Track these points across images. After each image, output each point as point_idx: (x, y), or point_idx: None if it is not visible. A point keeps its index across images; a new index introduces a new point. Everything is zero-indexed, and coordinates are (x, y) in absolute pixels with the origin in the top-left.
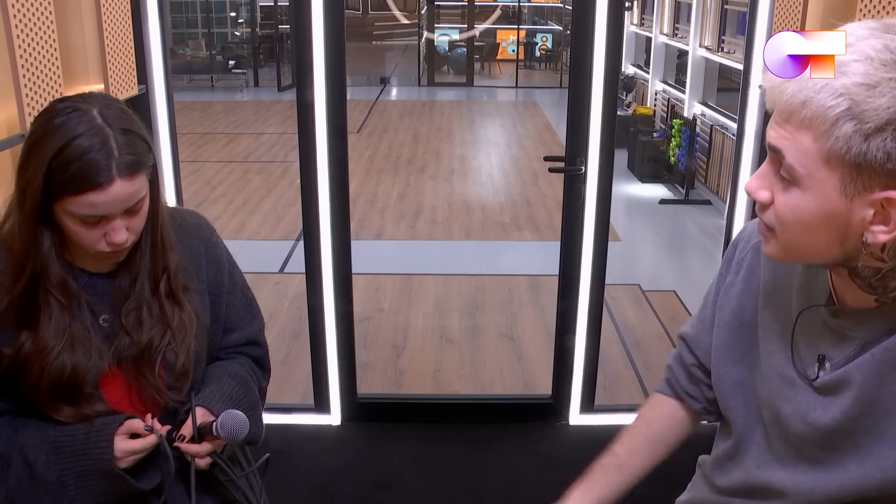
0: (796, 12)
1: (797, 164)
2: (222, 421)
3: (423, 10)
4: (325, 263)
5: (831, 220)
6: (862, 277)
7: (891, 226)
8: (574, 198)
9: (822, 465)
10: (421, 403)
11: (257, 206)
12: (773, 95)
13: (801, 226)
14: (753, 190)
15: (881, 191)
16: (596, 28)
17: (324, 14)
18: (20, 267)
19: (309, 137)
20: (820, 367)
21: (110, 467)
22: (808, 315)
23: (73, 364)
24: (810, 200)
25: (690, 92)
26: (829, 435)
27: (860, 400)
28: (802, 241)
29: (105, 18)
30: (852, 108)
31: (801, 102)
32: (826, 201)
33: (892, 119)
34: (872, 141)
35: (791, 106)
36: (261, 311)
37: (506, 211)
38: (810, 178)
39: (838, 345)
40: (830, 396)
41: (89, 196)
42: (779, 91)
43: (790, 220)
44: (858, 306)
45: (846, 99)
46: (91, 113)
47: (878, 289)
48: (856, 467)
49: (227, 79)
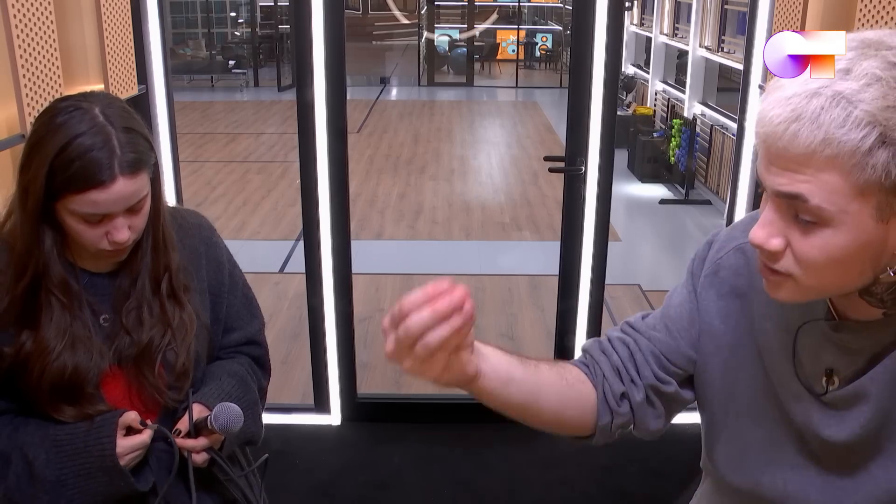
0: (796, 12)
1: (826, 203)
2: (216, 413)
3: (423, 10)
4: (325, 263)
5: (867, 249)
6: (874, 294)
7: None
8: (574, 198)
9: (846, 474)
10: (421, 403)
11: (257, 206)
12: (777, 142)
13: (833, 263)
14: (763, 241)
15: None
16: (596, 28)
17: (324, 14)
18: (22, 266)
19: (309, 137)
20: (829, 382)
21: (112, 463)
22: (807, 329)
23: (74, 364)
24: (844, 236)
25: (690, 92)
26: (850, 448)
27: (879, 411)
28: (832, 278)
29: (105, 18)
30: (885, 133)
31: (822, 142)
32: (862, 231)
33: None
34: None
35: (809, 149)
36: (261, 310)
37: (506, 211)
38: (843, 213)
39: (844, 358)
40: (844, 411)
41: (91, 194)
42: (787, 137)
43: (819, 261)
44: (862, 319)
45: (875, 127)
46: (93, 112)
47: (889, 302)
48: (883, 473)
49: (227, 79)
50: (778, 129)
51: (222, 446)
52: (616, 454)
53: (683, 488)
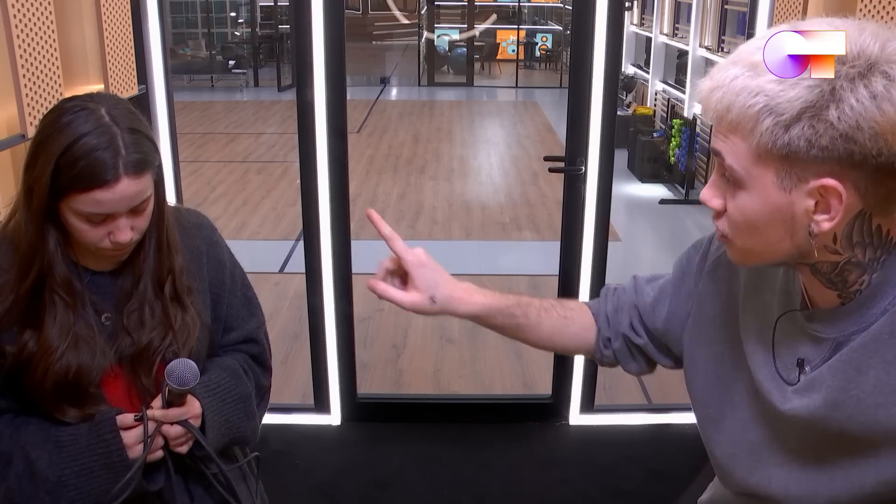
0: (796, 12)
1: (735, 164)
2: (170, 368)
3: (423, 10)
4: (325, 263)
5: (776, 216)
6: (822, 273)
7: (832, 213)
8: (574, 198)
9: (807, 465)
10: (421, 403)
11: (257, 206)
12: (704, 105)
13: (749, 226)
14: (707, 199)
15: (815, 179)
16: (596, 28)
17: (324, 14)
18: (27, 266)
19: (309, 137)
20: (801, 372)
21: (120, 458)
22: (786, 320)
23: (77, 364)
24: (754, 200)
25: (690, 92)
26: (798, 430)
27: (828, 401)
28: (754, 242)
29: (105, 18)
30: (768, 103)
31: (726, 107)
32: (767, 197)
33: (804, 108)
34: (792, 130)
35: (719, 112)
36: (261, 309)
37: (506, 211)
38: (749, 177)
39: (815, 348)
40: (805, 397)
41: (96, 194)
42: (707, 101)
43: (740, 223)
44: (827, 306)
45: (762, 96)
46: (99, 112)
47: (839, 284)
48: (854, 468)
49: (227, 79)
50: (705, 95)
51: (203, 429)
52: (616, 454)
53: (683, 488)
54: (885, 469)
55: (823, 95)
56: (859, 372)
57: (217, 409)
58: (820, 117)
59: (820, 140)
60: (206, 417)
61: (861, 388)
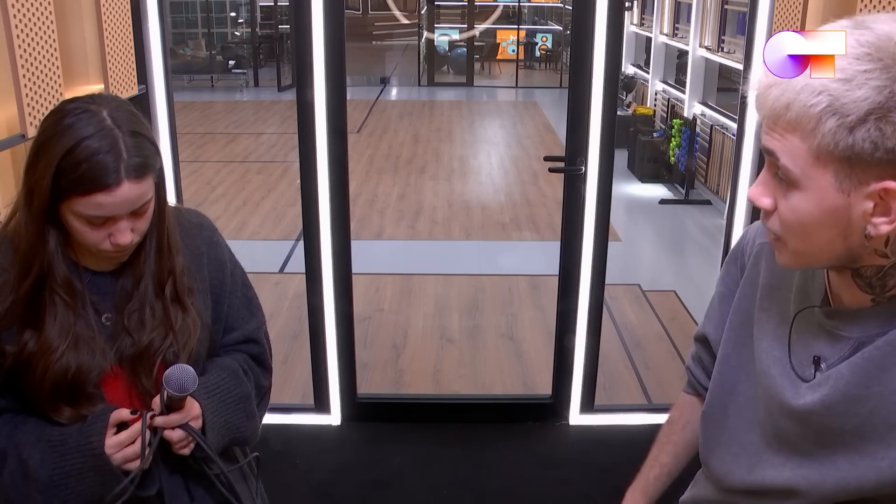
0: (796, 12)
1: (791, 164)
2: (168, 374)
3: (423, 10)
4: (325, 263)
5: (832, 218)
6: (863, 277)
7: (892, 216)
8: (574, 198)
9: (814, 460)
10: (421, 403)
11: (257, 206)
12: (759, 102)
13: (803, 228)
14: (756, 197)
15: (877, 182)
16: (596, 28)
17: (324, 14)
18: (27, 266)
19: (309, 137)
20: (816, 369)
21: (102, 462)
22: (803, 317)
23: (77, 364)
24: (809, 201)
25: (690, 92)
26: (810, 424)
27: (845, 395)
28: (808, 244)
29: (105, 18)
30: (832, 103)
31: (785, 105)
32: (824, 199)
33: (871, 109)
34: (857, 132)
35: (776, 110)
36: (262, 309)
37: (506, 211)
38: (806, 178)
39: (833, 345)
40: (817, 389)
41: (97, 197)
42: (763, 97)
43: (793, 224)
44: (853, 306)
45: (826, 95)
46: (101, 114)
47: (877, 287)
48: (850, 466)
49: (227, 79)
50: (759, 87)
51: (204, 431)
52: (616, 454)
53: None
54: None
55: (893, 97)
56: (882, 370)
57: (217, 409)
58: (888, 119)
59: (886, 143)
60: (205, 418)
61: (885, 385)
